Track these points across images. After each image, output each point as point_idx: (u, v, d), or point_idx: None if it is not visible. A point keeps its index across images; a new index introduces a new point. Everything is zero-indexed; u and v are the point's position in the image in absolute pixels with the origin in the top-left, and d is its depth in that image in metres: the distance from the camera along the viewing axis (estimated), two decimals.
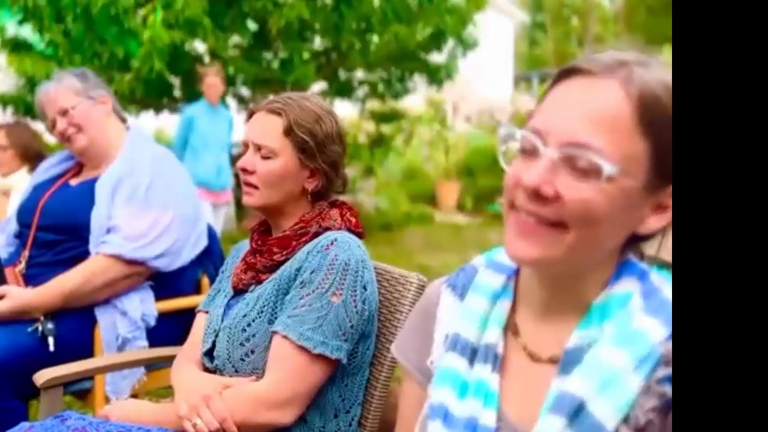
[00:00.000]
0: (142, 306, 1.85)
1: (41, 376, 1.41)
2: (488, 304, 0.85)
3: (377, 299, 1.32)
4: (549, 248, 0.71)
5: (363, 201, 8.08)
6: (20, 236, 1.92)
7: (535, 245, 0.71)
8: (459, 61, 7.10)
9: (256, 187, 1.32)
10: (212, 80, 4.53)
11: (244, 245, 1.46)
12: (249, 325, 1.26)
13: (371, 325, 1.31)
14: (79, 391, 1.82)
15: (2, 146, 2.77)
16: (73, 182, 1.97)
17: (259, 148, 1.31)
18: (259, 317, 1.26)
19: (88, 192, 1.85)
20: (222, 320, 1.33)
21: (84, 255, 1.80)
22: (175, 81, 6.05)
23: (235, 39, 5.98)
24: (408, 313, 1.29)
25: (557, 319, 0.79)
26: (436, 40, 6.58)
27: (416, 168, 10.42)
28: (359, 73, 7.32)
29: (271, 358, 1.22)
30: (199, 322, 1.45)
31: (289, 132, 1.30)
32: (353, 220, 1.36)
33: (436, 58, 7.05)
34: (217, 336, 1.33)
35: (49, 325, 1.71)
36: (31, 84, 5.19)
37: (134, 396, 1.83)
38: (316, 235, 1.31)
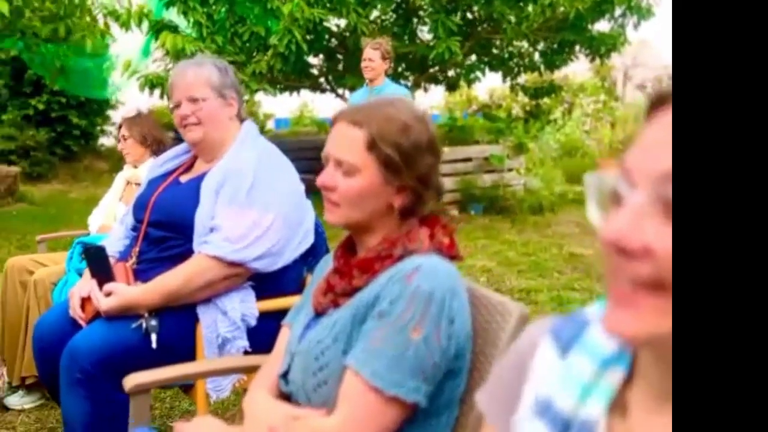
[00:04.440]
0: (243, 306, 1.86)
1: (129, 381, 1.44)
2: (595, 371, 0.69)
3: (469, 332, 1.18)
4: (652, 320, 0.55)
5: (511, 180, 7.76)
6: (135, 230, 2.00)
7: (635, 318, 0.56)
8: (630, 30, 6.47)
9: (337, 205, 1.23)
10: (366, 54, 4.13)
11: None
12: (322, 353, 1.19)
13: (460, 360, 1.17)
14: (184, 385, 1.87)
15: (124, 137, 2.96)
16: (183, 179, 2.03)
17: (339, 163, 1.21)
18: (334, 346, 1.18)
19: (195, 189, 1.89)
20: (299, 342, 1.27)
21: (188, 253, 1.84)
22: (315, 60, 6.19)
23: (375, 14, 5.95)
24: (506, 348, 1.16)
25: None
26: (600, 8, 6.04)
27: (576, 144, 9.81)
28: (513, 45, 6.98)
29: (342, 394, 1.13)
30: (283, 338, 1.41)
31: (371, 146, 1.19)
32: (446, 240, 1.22)
33: (602, 26, 6.50)
34: (293, 359, 1.27)
35: (153, 322, 1.77)
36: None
37: (236, 394, 1.85)
38: (401, 258, 1.19)
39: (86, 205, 3.22)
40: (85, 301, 1.85)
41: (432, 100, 13.56)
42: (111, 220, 2.87)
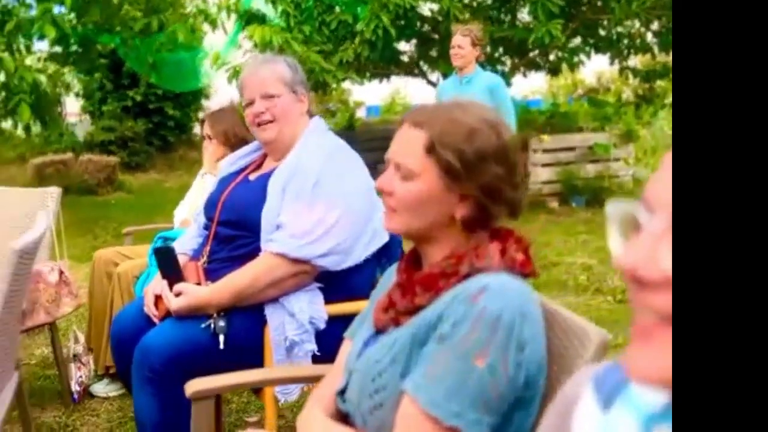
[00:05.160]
0: (311, 308, 1.86)
1: (190, 387, 1.46)
2: (639, 429, 0.62)
3: (542, 359, 1.09)
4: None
5: (617, 171, 7.39)
6: (207, 228, 2.04)
7: (653, 355, 0.51)
8: None
9: (394, 210, 1.19)
10: (455, 41, 3.95)
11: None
12: (380, 374, 1.14)
13: (532, 389, 1.09)
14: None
15: (208, 136, 2.99)
16: (253, 176, 2.06)
17: (398, 166, 1.17)
18: (391, 368, 1.13)
19: (263, 187, 1.91)
20: (357, 359, 1.23)
21: (258, 252, 1.86)
22: (406, 47, 6.15)
23: None
24: None
25: None
26: None
27: None
28: (622, 25, 6.63)
29: (399, 421, 1.08)
30: (344, 351, 1.38)
31: (431, 150, 1.13)
32: (519, 256, 1.14)
33: None
34: (351, 376, 1.23)
35: (221, 323, 1.80)
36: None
37: (304, 396, 1.85)
38: (467, 276, 1.12)
39: (180, 193, 3.33)
40: (158, 299, 1.91)
41: (534, 84, 13.17)
42: (194, 213, 2.96)
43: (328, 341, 1.83)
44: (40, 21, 4.88)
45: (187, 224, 2.81)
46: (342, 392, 1.25)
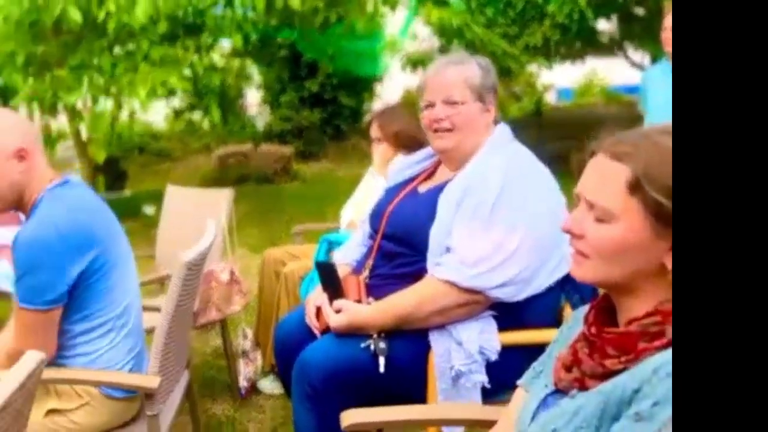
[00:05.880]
0: (481, 337, 1.75)
1: (347, 418, 1.42)
2: None
3: None
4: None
5: None
6: (372, 239, 2.00)
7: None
8: None
9: (585, 256, 1.03)
10: (667, 23, 3.41)
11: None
12: None
13: None
14: None
15: (378, 138, 2.86)
16: (423, 188, 1.97)
17: (591, 206, 1.01)
18: None
19: (433, 201, 1.82)
20: (531, 421, 1.09)
21: (421, 272, 1.78)
22: (605, 26, 5.74)
23: None
24: None
25: None
26: None
27: None
28: None
29: None
30: (516, 401, 1.26)
31: (635, 188, 0.96)
32: None
33: None
34: None
35: (382, 345, 1.75)
36: (447, 39, 5.58)
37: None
38: None
39: (351, 184, 3.33)
40: (320, 310, 1.91)
41: None
42: (360, 216, 2.95)
43: (500, 373, 1.72)
44: (228, 28, 5.21)
45: (354, 226, 2.81)
46: None
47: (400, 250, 1.85)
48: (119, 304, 1.81)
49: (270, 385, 2.91)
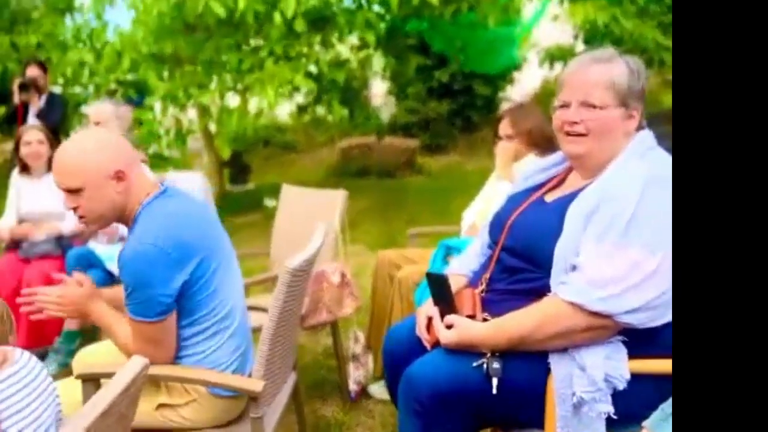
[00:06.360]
0: (607, 364, 1.63)
1: None
2: None
3: None
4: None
5: None
6: (491, 249, 1.92)
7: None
8: None
9: None
10: None
11: None
12: None
13: None
14: None
15: (509, 135, 2.76)
16: (550, 197, 1.86)
17: None
18: None
19: (561, 212, 1.71)
20: None
21: (543, 290, 1.69)
22: None
23: None
24: None
25: None
26: None
27: None
28: None
29: None
30: None
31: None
32: None
33: None
34: None
35: (495, 365, 1.67)
36: (591, 34, 5.34)
37: None
38: None
39: (481, 177, 3.23)
40: (431, 322, 1.85)
41: None
42: (482, 221, 2.84)
43: (628, 403, 1.61)
44: (359, 24, 5.25)
45: (475, 231, 2.72)
46: None
47: (521, 265, 1.76)
48: (223, 307, 1.87)
49: (380, 390, 2.90)
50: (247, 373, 1.91)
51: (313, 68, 5.42)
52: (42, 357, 3.34)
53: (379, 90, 11.43)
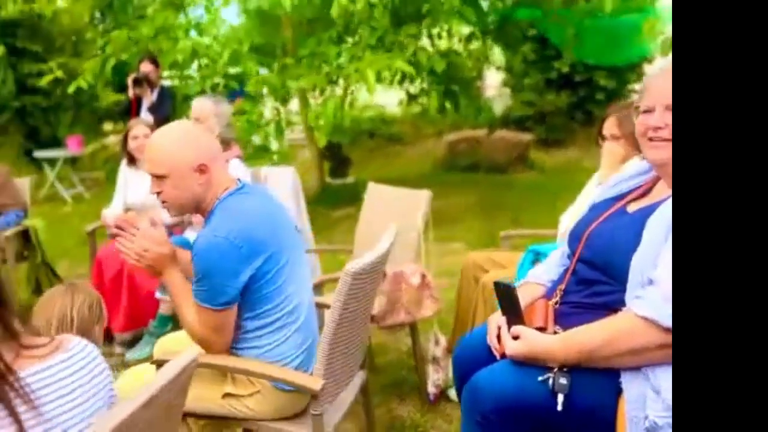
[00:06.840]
0: None
1: None
2: None
3: None
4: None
5: None
6: (570, 259, 1.87)
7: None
8: None
9: None
10: None
11: None
12: None
13: None
14: None
15: (614, 136, 2.66)
16: (632, 207, 1.79)
17: None
18: None
19: (641, 223, 1.64)
20: None
21: (618, 304, 1.63)
22: None
23: None
24: None
25: None
26: None
27: None
28: None
29: None
30: None
31: None
32: None
33: None
34: None
35: (562, 381, 1.63)
36: None
37: None
38: None
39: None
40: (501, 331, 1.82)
41: None
42: None
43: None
44: (447, 14, 5.20)
45: None
46: None
47: (597, 277, 1.71)
48: (290, 302, 1.95)
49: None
50: (312, 369, 1.97)
51: (414, 58, 5.40)
52: (138, 339, 3.58)
53: (493, 81, 11.21)
